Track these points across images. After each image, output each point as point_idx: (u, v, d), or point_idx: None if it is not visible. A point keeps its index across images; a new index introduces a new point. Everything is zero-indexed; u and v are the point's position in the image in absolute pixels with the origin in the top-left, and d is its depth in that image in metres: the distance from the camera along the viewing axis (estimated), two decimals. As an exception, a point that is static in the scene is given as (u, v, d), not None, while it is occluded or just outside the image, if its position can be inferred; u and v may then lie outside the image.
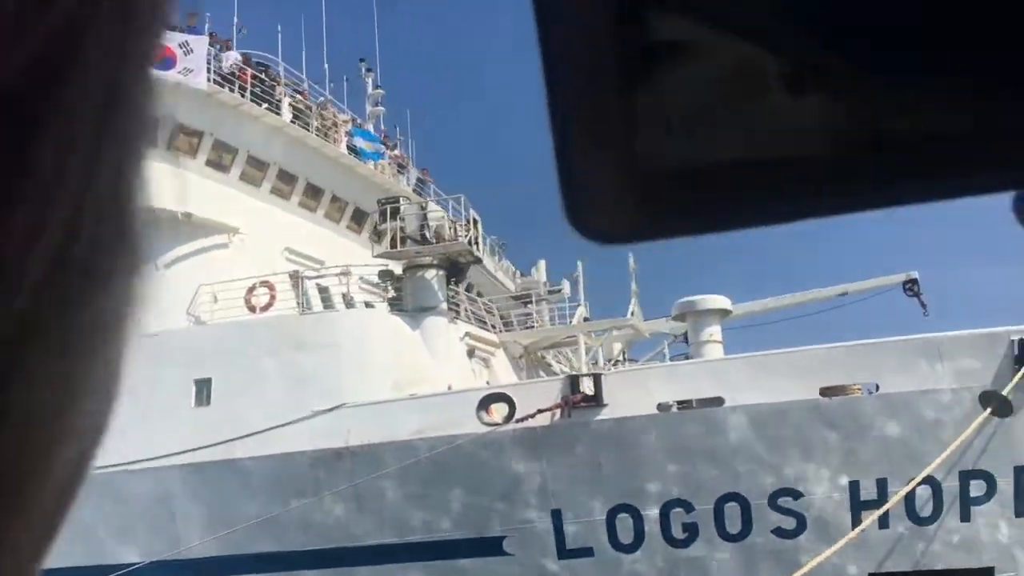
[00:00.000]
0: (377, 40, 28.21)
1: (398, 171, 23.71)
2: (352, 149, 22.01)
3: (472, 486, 14.91)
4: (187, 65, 17.48)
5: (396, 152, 24.24)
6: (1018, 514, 13.97)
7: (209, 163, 18.65)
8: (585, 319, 19.57)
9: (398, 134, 27.22)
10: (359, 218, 22.41)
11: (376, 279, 19.19)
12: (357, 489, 15.15)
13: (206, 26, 18.93)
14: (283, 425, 15.43)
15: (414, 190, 23.82)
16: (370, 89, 26.18)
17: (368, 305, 19.12)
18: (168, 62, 17.45)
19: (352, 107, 25.17)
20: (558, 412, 14.74)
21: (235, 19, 22.10)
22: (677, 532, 14.62)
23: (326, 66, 25.55)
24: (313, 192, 20.96)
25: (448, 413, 15.02)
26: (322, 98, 22.27)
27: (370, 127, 24.78)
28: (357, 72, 26.51)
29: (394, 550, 15.07)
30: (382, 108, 26.11)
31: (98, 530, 16.19)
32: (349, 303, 19.32)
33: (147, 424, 16.06)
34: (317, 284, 19.15)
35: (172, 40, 17.61)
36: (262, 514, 15.16)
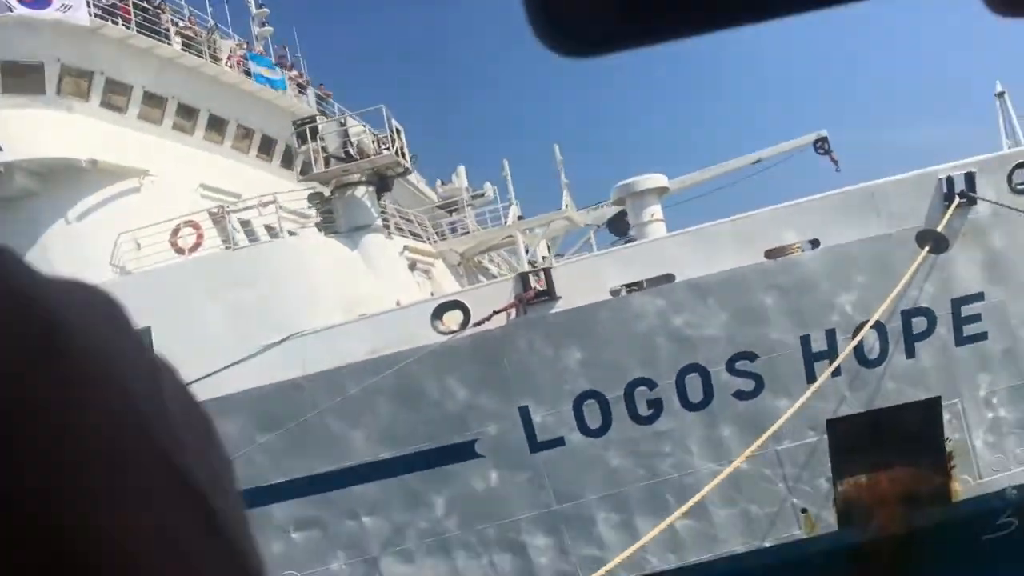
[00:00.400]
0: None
1: (299, 92, 22.81)
2: (249, 75, 21.01)
3: (437, 397, 14.90)
4: (64, 1, 16.22)
5: (294, 72, 23.26)
6: (957, 344, 14.76)
7: (104, 104, 17.53)
8: (519, 217, 19.47)
9: (289, 54, 26.09)
10: (267, 146, 21.59)
11: (294, 206, 18.61)
12: (321, 417, 14.97)
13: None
14: (234, 364, 15.02)
15: (317, 109, 23.00)
16: (253, 9, 24.90)
17: (291, 233, 18.59)
18: (43, 1, 16.21)
19: (237, 31, 23.95)
20: (513, 312, 14.74)
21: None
22: (643, 409, 14.97)
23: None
24: (217, 124, 20.00)
25: (402, 329, 14.87)
26: (210, 22, 21.07)
27: (260, 49, 23.67)
28: (237, -9, 25.11)
29: (369, 470, 15.04)
30: (269, 28, 24.92)
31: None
32: (273, 233, 18.76)
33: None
34: (238, 218, 18.47)
35: (44, -24, 16.31)
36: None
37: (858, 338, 14.05)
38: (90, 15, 16.72)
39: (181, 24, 20.01)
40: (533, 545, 15.30)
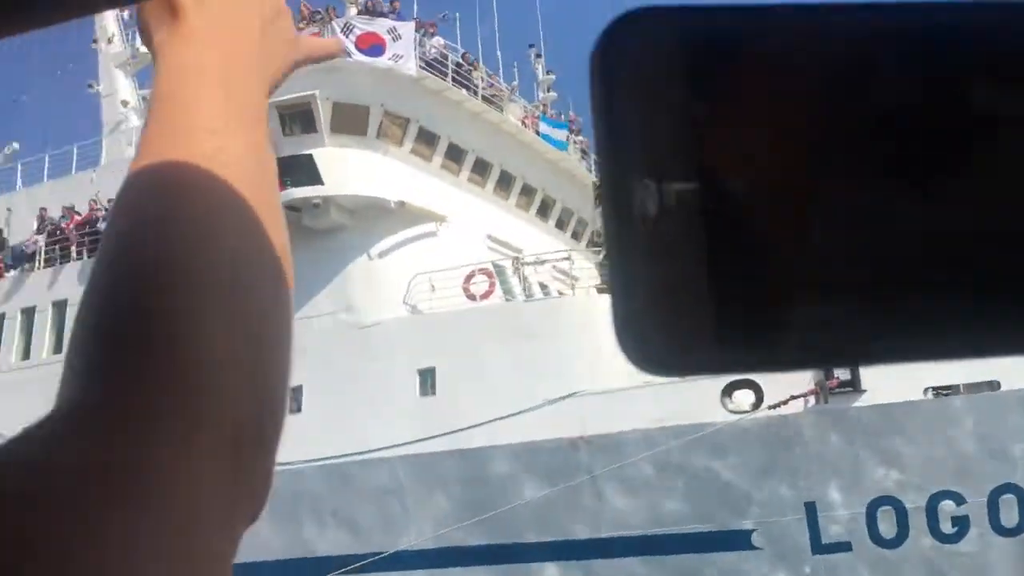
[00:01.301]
0: (540, 23, 27.69)
1: (582, 156, 23.18)
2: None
3: (719, 477, 14.22)
4: (396, 51, 17.25)
5: (581, 139, 23.69)
6: None
7: (414, 151, 18.42)
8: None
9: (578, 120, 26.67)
10: (545, 207, 22.14)
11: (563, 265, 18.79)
12: (595, 481, 14.63)
13: (413, 10, 18.59)
14: (516, 414, 15.02)
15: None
16: (541, 75, 25.73)
17: (561, 293, 18.71)
18: (377, 49, 17.30)
19: (522, 93, 24.75)
20: (812, 398, 13.92)
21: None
22: (946, 526, 13.62)
23: (498, 53, 25.20)
24: (506, 180, 20.64)
25: (690, 400, 14.35)
26: (514, 82, 21.89)
27: (552, 113, 24.31)
28: (526, 58, 26.13)
29: (637, 544, 14.50)
30: (554, 94, 25.63)
31: (328, 519, 16.12)
32: (546, 290, 18.99)
33: (373, 415, 15.93)
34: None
35: (380, 26, 17.44)
36: (495, 505, 14.78)
37: None
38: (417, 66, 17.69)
39: (485, 83, 20.88)
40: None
